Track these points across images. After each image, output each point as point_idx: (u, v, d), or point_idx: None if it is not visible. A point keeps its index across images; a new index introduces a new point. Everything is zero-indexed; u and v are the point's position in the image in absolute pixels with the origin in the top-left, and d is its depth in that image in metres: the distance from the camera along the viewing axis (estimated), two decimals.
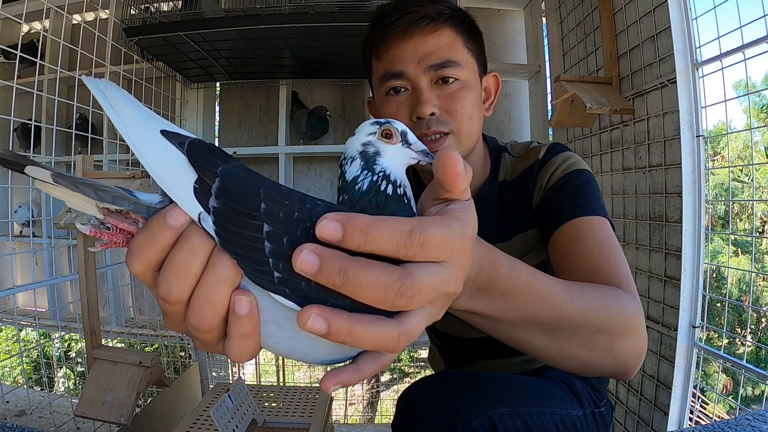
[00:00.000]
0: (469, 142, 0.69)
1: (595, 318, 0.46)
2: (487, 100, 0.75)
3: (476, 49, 0.71)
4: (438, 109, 0.66)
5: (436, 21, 0.66)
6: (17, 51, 1.27)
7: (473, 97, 0.68)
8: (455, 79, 0.67)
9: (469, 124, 0.68)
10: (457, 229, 0.29)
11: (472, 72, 0.69)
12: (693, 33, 1.23)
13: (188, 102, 2.09)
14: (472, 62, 0.70)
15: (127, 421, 1.03)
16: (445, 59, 0.66)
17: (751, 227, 2.16)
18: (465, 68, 0.68)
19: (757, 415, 0.69)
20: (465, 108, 0.67)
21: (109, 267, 1.80)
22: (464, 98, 0.67)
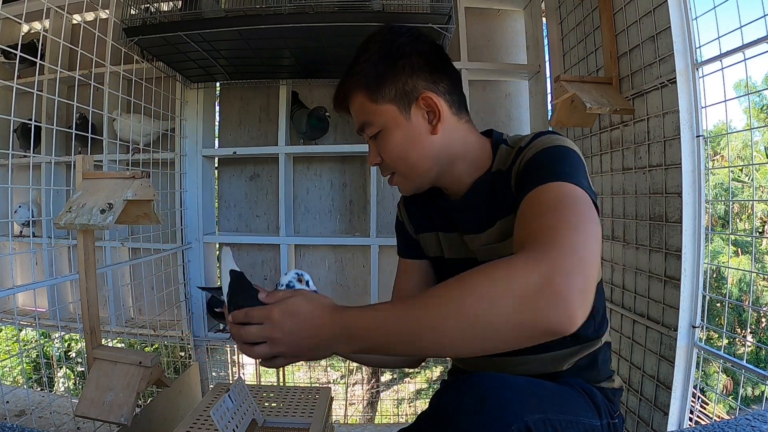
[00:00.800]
0: (415, 173, 0.76)
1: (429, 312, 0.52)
2: (433, 120, 0.74)
3: (390, 91, 0.73)
4: (379, 158, 0.78)
5: (347, 95, 0.77)
6: (17, 51, 1.26)
7: (398, 138, 0.74)
8: (377, 132, 0.75)
9: (405, 162, 0.75)
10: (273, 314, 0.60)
11: (389, 116, 0.74)
12: (693, 33, 1.23)
13: (188, 102, 2.09)
14: (386, 108, 0.73)
15: (127, 421, 1.03)
16: (361, 123, 0.77)
17: (751, 227, 2.16)
18: (379, 118, 0.74)
19: (757, 415, 0.69)
20: (392, 152, 0.75)
21: (109, 267, 1.80)
22: (388, 144, 0.75)
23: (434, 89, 0.74)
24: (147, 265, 1.95)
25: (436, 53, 0.76)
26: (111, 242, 2.07)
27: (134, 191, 1.03)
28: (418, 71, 0.73)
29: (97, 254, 1.14)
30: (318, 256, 2.28)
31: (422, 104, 0.73)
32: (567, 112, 1.53)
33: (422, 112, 0.74)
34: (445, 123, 0.74)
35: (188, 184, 2.09)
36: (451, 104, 0.76)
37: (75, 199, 1.04)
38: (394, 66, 0.73)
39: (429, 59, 0.74)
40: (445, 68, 0.76)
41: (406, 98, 0.73)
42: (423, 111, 0.74)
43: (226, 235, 2.25)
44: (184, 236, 2.09)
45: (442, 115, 0.73)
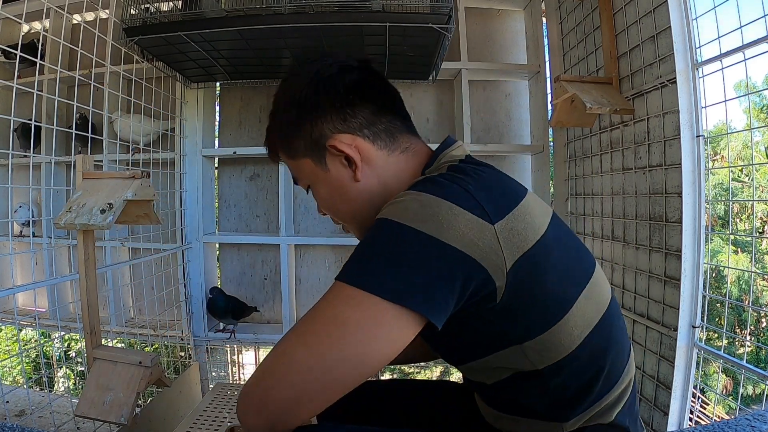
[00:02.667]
0: (357, 222, 0.69)
1: None
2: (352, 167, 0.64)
3: (300, 146, 0.66)
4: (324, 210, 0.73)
5: (269, 148, 0.72)
6: (17, 51, 1.26)
7: (323, 191, 0.68)
8: (308, 186, 0.71)
9: (337, 211, 0.70)
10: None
11: (308, 170, 0.68)
12: (693, 33, 1.23)
13: (188, 102, 2.08)
14: (303, 162, 0.67)
15: (126, 421, 1.03)
16: (293, 177, 0.73)
17: (751, 227, 2.16)
18: (303, 173, 0.69)
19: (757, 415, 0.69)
20: (324, 206, 0.71)
21: (109, 267, 1.80)
22: (318, 198, 0.70)
23: (346, 129, 0.64)
24: (147, 265, 1.95)
25: (346, 85, 0.64)
26: (111, 242, 2.07)
27: (134, 191, 1.03)
28: (323, 114, 0.64)
29: (97, 254, 1.13)
30: (318, 256, 2.28)
31: (334, 152, 0.63)
32: (567, 112, 1.53)
33: (339, 159, 0.64)
34: (369, 163, 0.64)
35: (188, 184, 2.09)
36: (375, 138, 0.64)
37: (75, 199, 1.04)
38: (298, 115, 0.65)
39: (335, 96, 0.64)
40: (362, 97, 0.65)
41: (317, 148, 0.65)
42: (339, 157, 0.64)
43: (226, 235, 2.25)
44: (184, 236, 2.09)
45: (357, 160, 0.63)
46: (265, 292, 2.31)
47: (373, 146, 0.64)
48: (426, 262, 0.49)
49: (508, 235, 0.52)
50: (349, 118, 0.64)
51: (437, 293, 0.49)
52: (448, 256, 0.49)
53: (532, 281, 0.53)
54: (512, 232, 0.52)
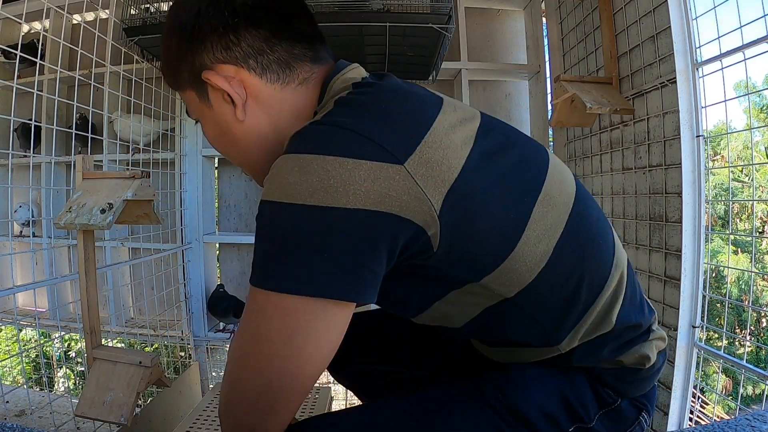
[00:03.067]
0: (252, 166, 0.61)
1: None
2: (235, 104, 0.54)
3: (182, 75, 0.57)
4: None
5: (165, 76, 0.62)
6: (17, 51, 1.26)
7: (210, 129, 0.60)
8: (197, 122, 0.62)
9: (230, 156, 0.61)
10: None
11: (194, 103, 0.59)
12: (693, 33, 1.24)
13: None
14: (187, 95, 0.59)
15: (126, 421, 1.03)
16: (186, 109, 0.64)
17: (751, 227, 2.16)
18: (190, 105, 0.60)
19: (756, 415, 0.69)
20: (212, 142, 0.61)
21: (109, 267, 1.80)
22: (206, 134, 0.61)
23: (228, 59, 0.53)
24: (147, 265, 1.95)
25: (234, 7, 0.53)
26: (111, 242, 2.07)
27: (134, 191, 1.03)
28: (203, 41, 0.53)
29: (97, 254, 1.13)
30: None
31: (211, 84, 0.54)
32: (567, 112, 1.53)
33: (221, 94, 0.54)
34: (258, 100, 0.54)
35: (188, 184, 2.09)
36: (264, 70, 0.54)
37: (75, 199, 1.04)
38: (179, 43, 0.55)
39: (219, 19, 0.53)
40: (252, 21, 0.53)
41: (199, 81, 0.55)
42: (221, 92, 0.54)
43: (226, 235, 2.25)
44: (184, 236, 2.09)
45: (236, 94, 0.53)
46: None
47: (261, 80, 0.54)
48: (340, 242, 0.40)
49: (425, 170, 0.42)
50: (232, 47, 0.53)
51: (359, 271, 0.41)
52: (359, 224, 0.40)
53: (471, 213, 0.45)
54: (429, 165, 0.43)
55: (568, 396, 0.55)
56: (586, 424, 0.55)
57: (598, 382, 0.57)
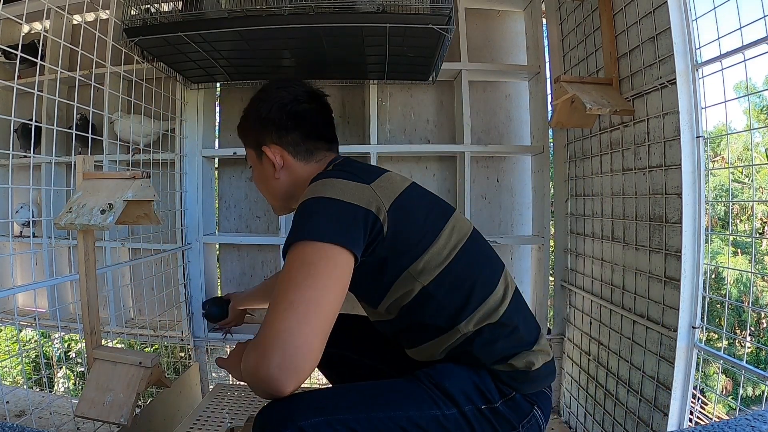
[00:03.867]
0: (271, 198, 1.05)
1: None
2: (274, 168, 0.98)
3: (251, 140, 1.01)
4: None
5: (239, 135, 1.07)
6: (17, 51, 1.26)
7: (256, 174, 1.04)
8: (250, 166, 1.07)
9: (263, 193, 1.07)
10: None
11: (251, 156, 1.03)
12: (693, 34, 1.23)
13: (188, 102, 2.08)
14: (249, 150, 1.03)
15: (126, 422, 1.03)
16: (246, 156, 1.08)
17: (751, 228, 2.16)
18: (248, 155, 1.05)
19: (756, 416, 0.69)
20: (255, 182, 1.07)
21: (109, 267, 1.79)
22: (254, 175, 1.06)
23: (278, 143, 0.96)
24: (147, 266, 1.95)
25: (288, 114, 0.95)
26: (111, 242, 2.07)
27: (134, 191, 1.03)
28: (268, 129, 0.96)
29: (97, 254, 1.14)
30: None
31: (267, 153, 0.96)
32: (567, 112, 1.54)
33: (268, 159, 0.97)
34: (288, 168, 0.97)
35: (188, 184, 2.09)
36: (296, 153, 0.96)
37: (75, 199, 1.04)
38: (253, 124, 0.99)
39: (279, 120, 0.95)
40: (296, 126, 0.96)
41: (258, 147, 0.99)
42: (268, 159, 0.97)
43: (226, 236, 2.25)
44: (184, 236, 2.09)
45: (278, 166, 0.97)
46: None
47: (294, 159, 0.97)
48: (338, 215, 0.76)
49: (380, 189, 0.82)
50: (283, 137, 0.96)
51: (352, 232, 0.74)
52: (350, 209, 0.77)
53: (405, 218, 0.81)
54: (382, 188, 0.83)
55: (477, 384, 0.79)
56: (493, 404, 0.79)
57: (498, 379, 0.80)
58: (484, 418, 0.78)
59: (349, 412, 0.70)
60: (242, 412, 1.69)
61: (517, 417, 0.80)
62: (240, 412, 1.69)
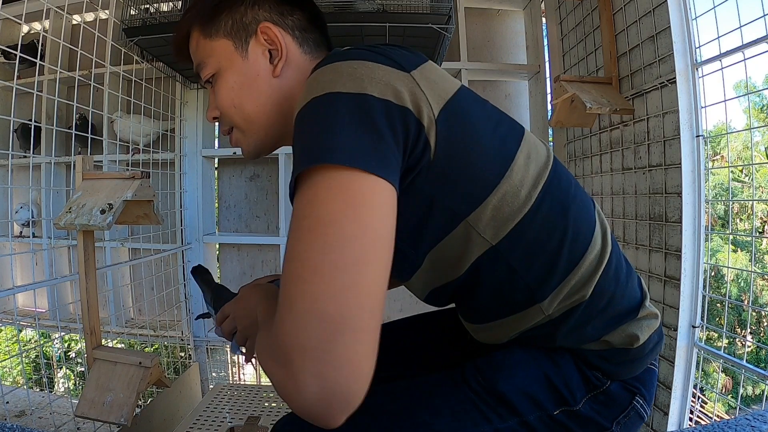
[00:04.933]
0: (254, 127, 0.64)
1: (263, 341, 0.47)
2: (275, 59, 0.62)
3: (225, 24, 0.63)
4: (216, 110, 0.65)
5: (181, 27, 0.66)
6: (17, 51, 1.26)
7: (232, 80, 0.62)
8: (211, 76, 0.64)
9: (239, 111, 0.63)
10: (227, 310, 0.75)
11: (224, 53, 0.62)
12: (693, 33, 1.23)
13: (188, 102, 2.08)
14: (220, 43, 0.63)
15: (127, 422, 1.03)
16: (196, 63, 0.66)
17: (751, 227, 2.16)
18: (213, 57, 0.63)
19: (756, 415, 0.69)
20: (225, 98, 0.63)
21: (109, 267, 1.79)
22: (221, 89, 0.63)
23: (279, 23, 0.63)
24: (147, 266, 1.95)
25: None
26: (111, 242, 2.07)
27: (134, 192, 1.03)
28: (260, 2, 0.63)
29: (97, 254, 1.14)
30: None
31: (262, 39, 0.61)
32: (567, 112, 1.53)
33: (262, 49, 0.62)
34: (291, 64, 0.62)
35: (188, 184, 2.09)
36: (303, 42, 0.64)
37: (75, 199, 1.04)
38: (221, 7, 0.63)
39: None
40: (300, 5, 0.65)
41: (243, 31, 0.62)
42: (263, 48, 0.62)
43: (226, 236, 2.25)
44: (184, 236, 2.09)
45: (284, 53, 0.61)
46: None
47: (300, 49, 0.64)
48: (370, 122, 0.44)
49: (426, 82, 0.49)
50: (286, 14, 0.64)
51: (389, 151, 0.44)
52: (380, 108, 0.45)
53: (463, 132, 0.50)
54: (429, 81, 0.50)
55: (552, 378, 0.56)
56: (571, 407, 0.55)
57: (584, 363, 0.57)
58: (556, 427, 0.56)
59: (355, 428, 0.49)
60: (242, 412, 1.69)
61: (609, 414, 0.57)
62: (240, 412, 1.69)
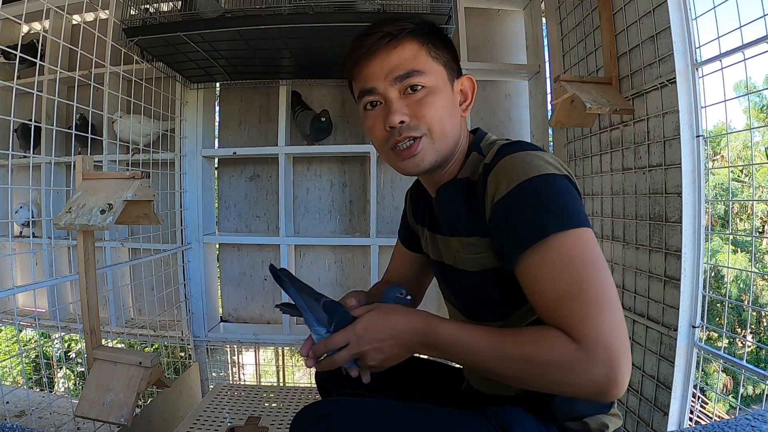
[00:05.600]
0: (444, 142, 0.72)
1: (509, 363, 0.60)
2: (464, 102, 0.77)
3: (444, 55, 0.74)
4: (407, 116, 0.70)
5: (397, 37, 0.72)
6: (17, 51, 1.26)
7: (443, 101, 0.72)
8: (422, 86, 0.71)
9: (441, 126, 0.71)
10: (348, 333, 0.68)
11: (440, 78, 0.73)
12: (693, 33, 1.23)
13: (188, 102, 2.08)
14: (439, 69, 0.73)
15: (127, 422, 1.03)
16: (408, 69, 0.71)
17: (751, 227, 2.16)
18: (431, 75, 0.71)
19: (757, 415, 0.69)
20: (434, 111, 0.70)
21: (109, 267, 1.79)
22: (432, 102, 0.71)
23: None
24: (147, 266, 1.95)
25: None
26: (111, 242, 2.07)
27: (134, 192, 1.03)
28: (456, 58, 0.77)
29: (97, 254, 1.14)
30: (318, 257, 2.28)
31: (461, 84, 0.76)
32: (567, 112, 1.53)
33: (458, 87, 0.76)
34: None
35: (188, 184, 2.09)
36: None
37: (75, 199, 1.04)
38: (448, 41, 0.76)
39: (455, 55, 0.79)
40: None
41: (453, 70, 0.75)
42: (459, 89, 0.76)
43: (226, 236, 2.25)
44: (184, 236, 2.09)
45: (474, 100, 0.77)
46: (265, 293, 2.31)
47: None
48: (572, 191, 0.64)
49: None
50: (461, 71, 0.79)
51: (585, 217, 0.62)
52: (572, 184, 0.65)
53: None
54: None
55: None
56: None
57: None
58: None
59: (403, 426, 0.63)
60: (242, 412, 1.69)
61: None
62: (240, 412, 1.69)
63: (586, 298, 0.57)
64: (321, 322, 0.70)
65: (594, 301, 0.56)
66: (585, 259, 0.58)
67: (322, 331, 0.70)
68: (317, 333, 0.71)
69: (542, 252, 0.59)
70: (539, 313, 0.62)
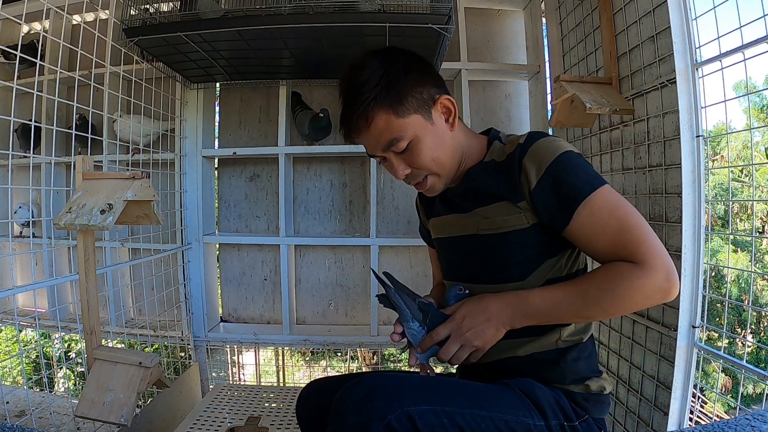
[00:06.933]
0: (445, 170, 0.87)
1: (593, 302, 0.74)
2: (449, 118, 0.86)
3: (411, 104, 0.81)
4: (408, 169, 0.86)
5: (367, 116, 0.80)
6: (17, 51, 1.26)
7: (429, 143, 0.83)
8: (406, 144, 0.82)
9: (437, 163, 0.85)
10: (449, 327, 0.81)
11: (417, 125, 0.82)
12: (693, 33, 1.23)
13: (188, 102, 2.08)
14: (411, 120, 0.81)
15: (127, 422, 1.03)
16: (388, 140, 0.81)
17: (752, 227, 2.16)
18: (408, 130, 0.81)
19: (756, 415, 0.69)
20: (424, 157, 0.83)
21: (109, 267, 1.79)
22: (420, 150, 0.83)
23: (444, 92, 0.86)
24: (147, 266, 1.95)
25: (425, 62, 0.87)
26: (111, 243, 2.07)
27: (134, 192, 1.03)
28: (426, 79, 0.83)
29: (97, 255, 1.14)
30: (318, 257, 2.28)
31: (440, 107, 0.84)
32: (567, 112, 1.53)
33: (439, 114, 0.85)
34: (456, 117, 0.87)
35: (188, 184, 2.09)
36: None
37: (75, 199, 1.04)
38: (407, 81, 0.81)
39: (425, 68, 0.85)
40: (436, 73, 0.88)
41: (426, 105, 0.83)
42: (440, 113, 0.85)
43: (226, 236, 2.25)
44: (184, 236, 2.09)
45: (455, 113, 0.86)
46: (265, 293, 2.31)
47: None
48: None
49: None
50: (441, 85, 0.86)
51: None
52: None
53: None
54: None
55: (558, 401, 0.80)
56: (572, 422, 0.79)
57: (572, 400, 0.81)
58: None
59: (455, 405, 0.70)
60: (242, 412, 1.69)
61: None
62: (240, 412, 1.69)
63: (632, 227, 0.73)
64: (416, 318, 0.82)
65: (637, 228, 0.72)
66: (619, 203, 0.75)
67: (416, 326, 0.82)
68: (410, 329, 0.82)
69: (590, 206, 0.74)
70: (597, 257, 0.77)
